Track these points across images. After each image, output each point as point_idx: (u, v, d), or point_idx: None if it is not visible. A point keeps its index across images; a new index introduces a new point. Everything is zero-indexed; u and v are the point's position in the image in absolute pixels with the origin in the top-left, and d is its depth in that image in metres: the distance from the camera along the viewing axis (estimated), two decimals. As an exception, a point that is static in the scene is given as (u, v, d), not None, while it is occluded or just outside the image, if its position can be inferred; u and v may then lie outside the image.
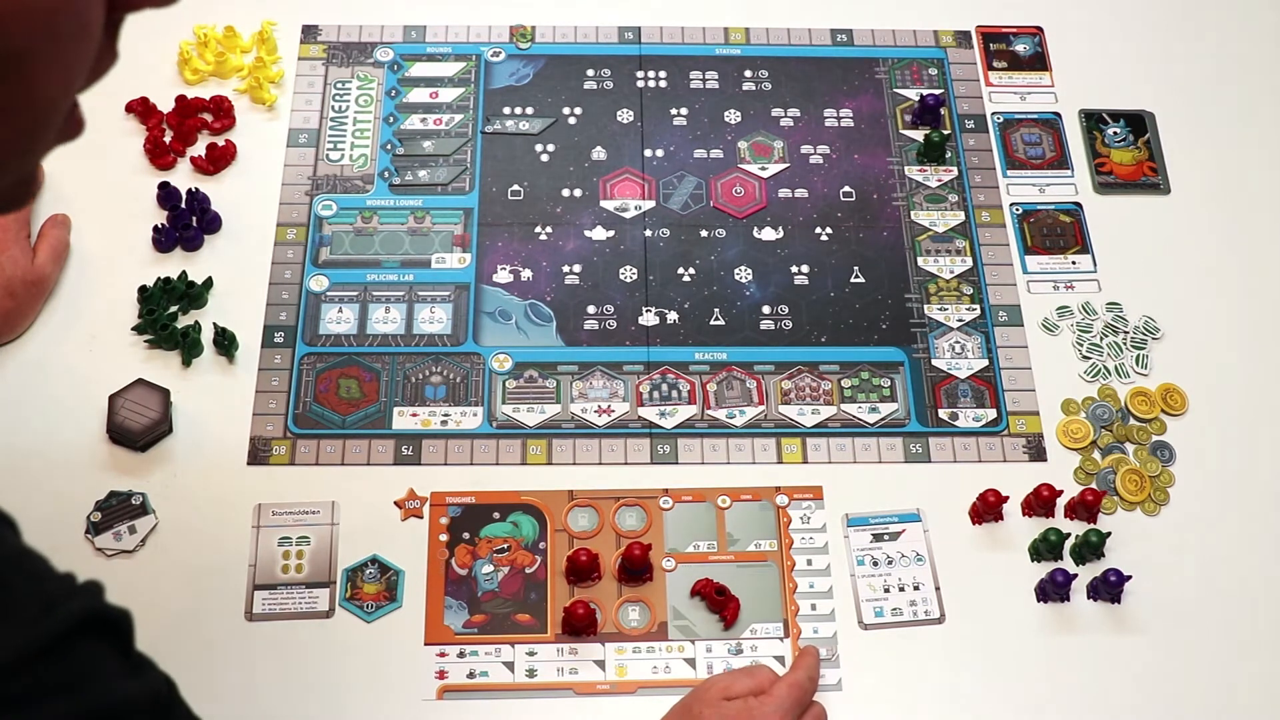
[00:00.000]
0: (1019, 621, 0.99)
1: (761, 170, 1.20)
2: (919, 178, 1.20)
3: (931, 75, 1.26)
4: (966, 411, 1.08)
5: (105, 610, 0.59)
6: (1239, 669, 0.98)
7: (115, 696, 0.58)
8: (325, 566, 0.99)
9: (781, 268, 1.15)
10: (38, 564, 0.58)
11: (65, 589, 0.58)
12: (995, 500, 1.01)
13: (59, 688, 0.55)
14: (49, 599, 0.56)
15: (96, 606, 0.58)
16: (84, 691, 0.56)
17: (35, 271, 1.06)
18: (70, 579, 0.59)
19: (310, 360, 1.08)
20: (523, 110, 1.22)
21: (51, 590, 0.57)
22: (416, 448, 1.04)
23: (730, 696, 0.88)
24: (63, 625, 0.56)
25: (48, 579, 0.58)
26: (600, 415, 1.07)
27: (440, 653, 0.96)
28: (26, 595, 0.56)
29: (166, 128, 1.18)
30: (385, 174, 1.18)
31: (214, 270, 1.11)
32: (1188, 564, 1.02)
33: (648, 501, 1.03)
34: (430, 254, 1.14)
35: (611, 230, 1.16)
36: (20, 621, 0.55)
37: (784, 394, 1.08)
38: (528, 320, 1.11)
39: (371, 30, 1.26)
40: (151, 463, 1.02)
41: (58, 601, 0.57)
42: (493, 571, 0.99)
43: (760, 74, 1.25)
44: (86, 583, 0.59)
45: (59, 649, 0.55)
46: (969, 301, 1.13)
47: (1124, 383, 1.10)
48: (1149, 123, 1.24)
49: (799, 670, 0.91)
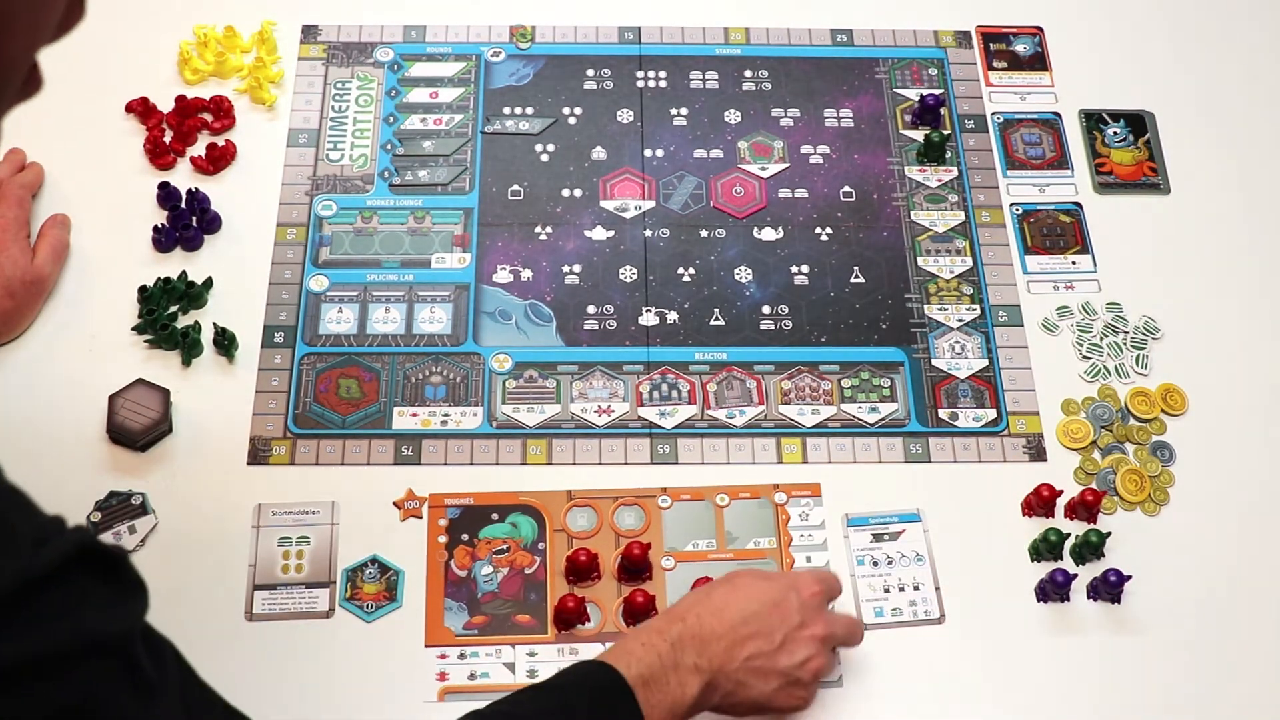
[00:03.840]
0: (1019, 621, 0.99)
1: (761, 170, 1.20)
2: (919, 178, 1.20)
3: (931, 75, 1.26)
4: (966, 411, 1.08)
5: (97, 545, 0.60)
6: (1239, 669, 0.98)
7: (110, 627, 0.59)
8: (325, 566, 0.99)
9: (781, 268, 1.15)
10: (26, 502, 0.59)
11: (57, 526, 0.60)
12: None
13: (54, 618, 0.57)
14: (42, 533, 0.58)
15: (88, 541, 0.59)
16: (78, 621, 0.58)
17: (35, 271, 1.06)
18: (61, 519, 0.60)
19: (310, 360, 1.08)
20: (523, 110, 1.22)
21: (43, 523, 0.59)
22: (416, 448, 1.04)
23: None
24: (57, 557, 0.57)
25: (38, 516, 0.59)
26: (600, 415, 1.07)
27: (441, 654, 0.96)
28: (19, 529, 0.57)
29: (166, 128, 1.18)
30: (385, 174, 1.18)
31: (214, 270, 1.11)
32: (1188, 564, 1.02)
33: (646, 501, 1.03)
34: (430, 254, 1.14)
35: (611, 230, 1.16)
36: (14, 553, 0.56)
37: (784, 394, 1.08)
38: (528, 320, 1.11)
39: (371, 30, 1.26)
40: (151, 463, 1.02)
41: (50, 535, 0.58)
42: (492, 572, 0.99)
43: (760, 74, 1.25)
44: (77, 525, 0.61)
45: (53, 580, 0.57)
46: (969, 301, 1.13)
47: (1124, 383, 1.10)
48: (1149, 123, 1.24)
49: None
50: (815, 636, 0.88)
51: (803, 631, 0.87)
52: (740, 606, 0.87)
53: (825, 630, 0.89)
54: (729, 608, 0.87)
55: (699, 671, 0.84)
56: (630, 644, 0.85)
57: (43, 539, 0.57)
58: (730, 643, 0.85)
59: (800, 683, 0.87)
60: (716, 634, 0.85)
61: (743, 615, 0.86)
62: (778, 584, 0.89)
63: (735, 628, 0.86)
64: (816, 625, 0.88)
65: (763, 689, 0.86)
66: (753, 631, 0.86)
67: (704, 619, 0.86)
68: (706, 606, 0.87)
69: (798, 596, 0.89)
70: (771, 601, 0.88)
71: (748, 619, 0.86)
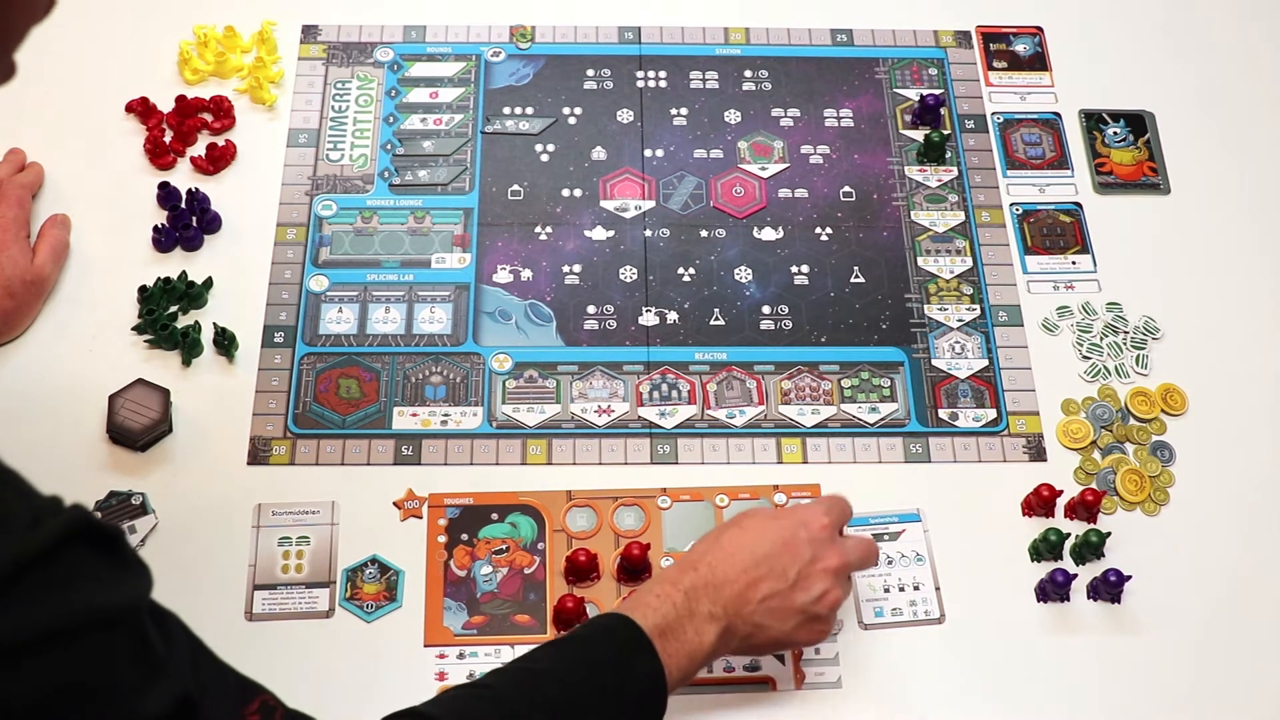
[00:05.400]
0: (1019, 621, 0.99)
1: (761, 170, 1.20)
2: (919, 178, 1.20)
3: (931, 75, 1.26)
4: (966, 411, 1.08)
5: (94, 521, 0.60)
6: (1239, 669, 0.98)
7: (110, 601, 0.60)
8: (325, 566, 0.99)
9: (781, 268, 1.15)
10: (22, 482, 0.60)
11: (53, 504, 0.60)
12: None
13: (51, 595, 0.57)
14: (38, 511, 0.58)
15: (84, 518, 0.60)
16: (76, 597, 0.58)
17: (35, 271, 1.06)
18: (58, 499, 0.61)
19: (310, 360, 1.08)
20: (523, 110, 1.22)
21: (40, 503, 0.60)
22: (416, 448, 1.04)
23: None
24: (54, 535, 0.57)
25: (35, 496, 0.60)
26: (600, 415, 1.07)
27: (440, 654, 0.96)
28: (15, 509, 0.58)
29: (166, 128, 1.18)
30: (385, 174, 1.18)
31: (214, 270, 1.11)
32: (1188, 564, 1.02)
33: (646, 501, 1.03)
34: (430, 254, 1.14)
35: (611, 230, 1.16)
36: (10, 532, 0.56)
37: (784, 394, 1.08)
38: (528, 320, 1.11)
39: (371, 30, 1.26)
40: (151, 463, 1.02)
41: (47, 513, 0.59)
42: (491, 572, 0.99)
43: (760, 74, 1.25)
44: (74, 504, 0.61)
45: (49, 557, 0.57)
46: (969, 301, 1.13)
47: (1124, 383, 1.10)
48: (1149, 123, 1.24)
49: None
50: (828, 569, 0.88)
51: (815, 566, 0.87)
52: (751, 549, 0.87)
53: (839, 561, 0.89)
54: (740, 551, 0.87)
55: (714, 619, 0.85)
56: (645, 596, 0.86)
57: (39, 518, 0.58)
58: (743, 586, 0.86)
59: (818, 617, 0.88)
60: (729, 579, 0.86)
61: (754, 557, 0.87)
62: (786, 522, 0.89)
63: (747, 570, 0.86)
64: (829, 558, 0.88)
65: (781, 628, 0.87)
66: (765, 573, 0.86)
67: (715, 565, 0.86)
68: (717, 553, 0.87)
69: (807, 531, 0.89)
70: (781, 540, 0.88)
71: (759, 561, 0.87)
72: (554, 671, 0.81)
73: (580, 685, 0.80)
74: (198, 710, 0.64)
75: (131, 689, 0.60)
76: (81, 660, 0.58)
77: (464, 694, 0.80)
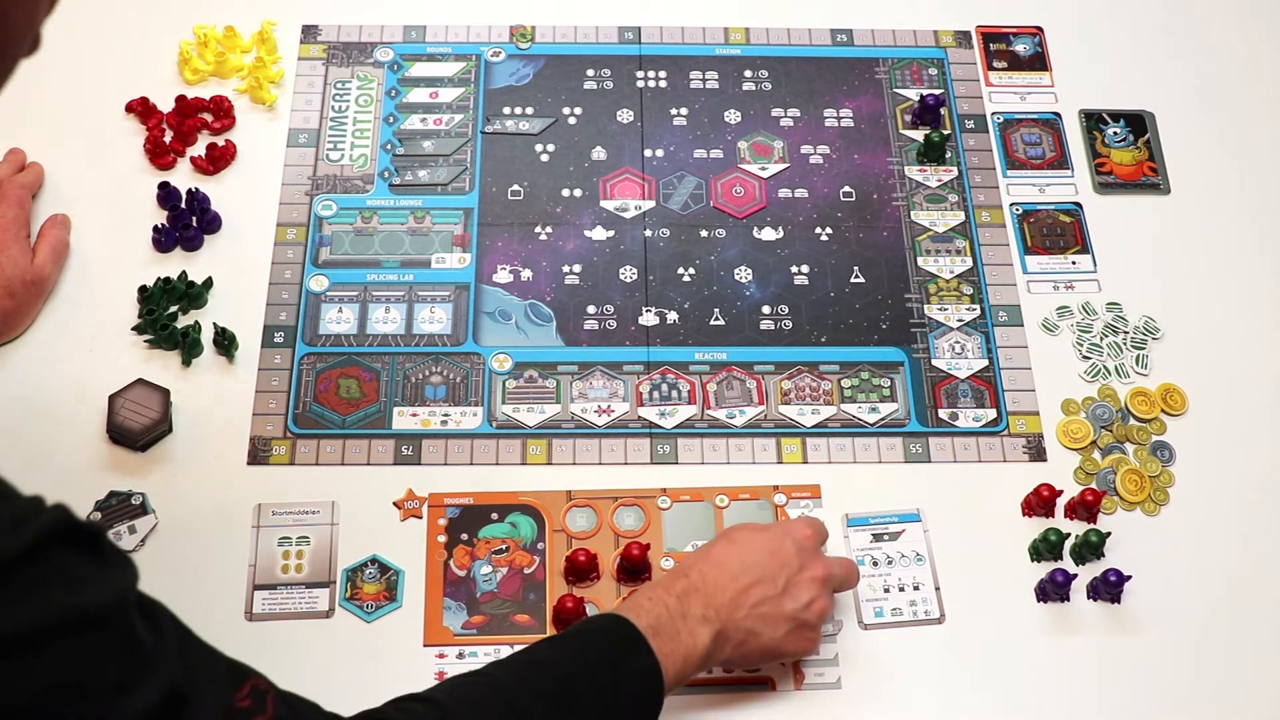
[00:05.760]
0: (1019, 621, 0.99)
1: (761, 170, 1.20)
2: (919, 178, 1.20)
3: (931, 75, 1.26)
4: (966, 411, 1.08)
5: (74, 521, 0.61)
6: (1239, 669, 0.98)
7: (94, 600, 0.60)
8: (325, 566, 0.99)
9: (781, 268, 1.15)
10: (3, 483, 0.60)
11: (34, 506, 0.60)
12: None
13: (34, 595, 0.57)
14: (19, 513, 0.59)
15: (65, 518, 0.60)
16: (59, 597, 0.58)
17: (35, 271, 1.06)
18: (39, 500, 0.61)
19: (310, 360, 1.08)
20: (523, 110, 1.22)
21: (21, 505, 0.60)
22: (416, 448, 1.04)
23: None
24: (36, 535, 0.58)
25: (16, 498, 0.60)
26: (600, 415, 1.07)
27: (440, 654, 0.96)
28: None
29: (166, 128, 1.18)
30: (385, 174, 1.18)
31: (214, 270, 1.11)
32: (1188, 564, 1.02)
33: (646, 501, 1.03)
34: (430, 254, 1.14)
35: (611, 230, 1.16)
36: None
37: (784, 394, 1.08)
38: (528, 320, 1.11)
39: (371, 30, 1.26)
40: (151, 463, 1.02)
41: (28, 515, 0.59)
42: (491, 572, 0.99)
43: (760, 74, 1.25)
44: (55, 504, 0.61)
45: (31, 558, 0.57)
46: (969, 301, 1.13)
47: (1124, 383, 1.10)
48: (1149, 123, 1.24)
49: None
50: (816, 578, 0.90)
51: (803, 574, 0.90)
52: (740, 558, 0.89)
53: (824, 571, 0.91)
54: (729, 560, 0.89)
55: (708, 622, 0.86)
56: (638, 599, 0.87)
57: (20, 519, 0.58)
58: (735, 592, 0.88)
59: (808, 624, 0.90)
60: (720, 585, 0.88)
61: (744, 565, 0.89)
62: (772, 532, 0.92)
63: (737, 577, 0.88)
64: (815, 567, 0.91)
65: (772, 634, 0.88)
66: (755, 579, 0.88)
67: (706, 573, 0.88)
68: (708, 562, 0.90)
69: (793, 541, 0.91)
70: (768, 549, 0.90)
71: (749, 568, 0.89)
72: (552, 664, 0.82)
73: (578, 678, 0.81)
74: (188, 701, 0.64)
75: (119, 685, 0.60)
76: (67, 659, 0.58)
77: (465, 681, 0.82)
